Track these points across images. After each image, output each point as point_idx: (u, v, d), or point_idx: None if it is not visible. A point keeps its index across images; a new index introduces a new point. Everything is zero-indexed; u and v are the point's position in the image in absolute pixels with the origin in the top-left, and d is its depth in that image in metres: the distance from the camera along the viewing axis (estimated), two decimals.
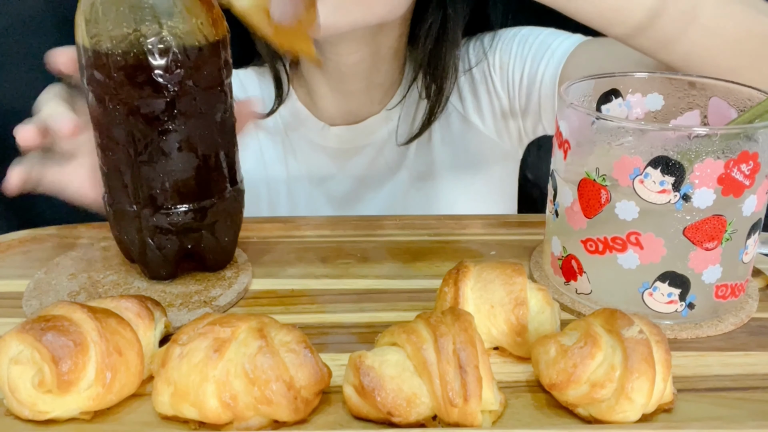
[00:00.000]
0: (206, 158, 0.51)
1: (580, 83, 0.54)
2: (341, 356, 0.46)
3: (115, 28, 0.46)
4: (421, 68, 0.82)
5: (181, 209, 0.51)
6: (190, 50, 0.47)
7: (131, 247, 0.53)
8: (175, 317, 0.50)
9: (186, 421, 0.40)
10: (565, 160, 0.51)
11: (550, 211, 0.54)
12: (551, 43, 0.77)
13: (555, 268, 0.54)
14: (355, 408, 0.41)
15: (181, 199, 0.51)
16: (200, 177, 0.51)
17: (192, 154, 0.50)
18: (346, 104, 0.86)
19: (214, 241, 0.53)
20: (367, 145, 0.87)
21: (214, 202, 0.52)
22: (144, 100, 0.47)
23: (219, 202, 0.52)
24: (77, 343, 0.40)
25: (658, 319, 0.49)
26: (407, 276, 0.57)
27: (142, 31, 0.46)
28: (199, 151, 0.50)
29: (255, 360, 0.39)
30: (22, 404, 0.40)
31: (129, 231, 0.52)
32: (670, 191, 0.46)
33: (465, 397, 0.38)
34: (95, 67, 0.47)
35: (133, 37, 0.46)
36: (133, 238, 0.52)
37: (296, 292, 0.55)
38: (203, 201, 0.51)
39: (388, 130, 0.87)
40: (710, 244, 0.47)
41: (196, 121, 0.49)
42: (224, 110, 0.51)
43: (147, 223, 0.51)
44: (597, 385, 0.40)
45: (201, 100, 0.49)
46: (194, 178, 0.50)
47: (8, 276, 0.57)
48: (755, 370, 0.45)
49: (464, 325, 0.41)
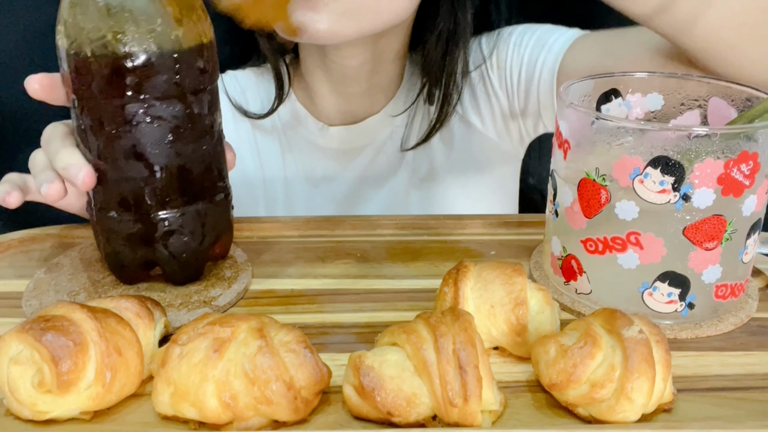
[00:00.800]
0: (160, 169, 0.49)
1: (580, 83, 0.54)
2: (341, 356, 0.46)
3: (92, 31, 0.45)
4: (428, 74, 0.82)
5: (126, 217, 0.50)
6: (166, 55, 0.46)
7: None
8: (174, 317, 0.50)
9: (186, 421, 0.40)
10: (564, 160, 0.51)
11: (550, 211, 0.54)
12: (548, 39, 0.77)
13: (555, 268, 0.54)
14: (355, 408, 0.41)
15: (126, 207, 0.50)
16: (151, 188, 0.49)
17: (141, 164, 0.48)
18: (346, 105, 0.86)
19: (168, 255, 0.52)
20: (367, 145, 0.87)
21: (164, 217, 0.50)
22: (102, 105, 0.47)
23: (173, 218, 0.50)
24: (77, 343, 0.40)
25: (658, 319, 0.49)
26: (407, 276, 0.57)
27: (118, 36, 0.45)
28: (149, 161, 0.48)
29: (255, 360, 0.39)
30: (22, 404, 0.40)
31: (94, 231, 0.53)
32: (669, 191, 0.46)
33: (465, 397, 0.38)
34: (74, 68, 0.47)
35: (109, 41, 0.45)
36: (96, 239, 0.53)
37: (296, 292, 0.55)
38: (156, 213, 0.50)
39: (387, 131, 0.87)
40: (710, 244, 0.47)
41: (151, 127, 0.48)
42: (184, 119, 0.49)
43: (102, 227, 0.51)
44: (597, 385, 0.40)
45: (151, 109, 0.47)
46: (142, 188, 0.49)
47: (8, 276, 0.57)
48: (755, 370, 0.45)
49: (464, 325, 0.41)
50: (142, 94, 0.46)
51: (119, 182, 0.49)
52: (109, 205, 0.50)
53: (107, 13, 0.45)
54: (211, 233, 0.53)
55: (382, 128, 0.86)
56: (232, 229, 0.56)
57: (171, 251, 0.51)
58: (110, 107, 0.47)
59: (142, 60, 0.46)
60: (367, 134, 0.87)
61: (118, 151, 0.48)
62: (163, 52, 0.46)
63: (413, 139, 0.86)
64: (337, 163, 0.88)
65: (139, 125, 0.47)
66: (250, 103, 0.88)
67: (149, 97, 0.47)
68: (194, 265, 0.54)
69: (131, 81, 0.46)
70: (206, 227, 0.52)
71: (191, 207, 0.51)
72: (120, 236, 0.51)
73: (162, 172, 0.49)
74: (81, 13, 0.46)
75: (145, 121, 0.47)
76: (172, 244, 0.51)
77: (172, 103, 0.48)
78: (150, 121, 0.48)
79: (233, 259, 0.58)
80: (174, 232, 0.51)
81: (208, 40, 0.49)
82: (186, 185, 0.50)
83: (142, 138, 0.48)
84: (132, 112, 0.47)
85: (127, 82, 0.46)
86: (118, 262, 0.53)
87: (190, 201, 0.51)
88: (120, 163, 0.48)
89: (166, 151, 0.49)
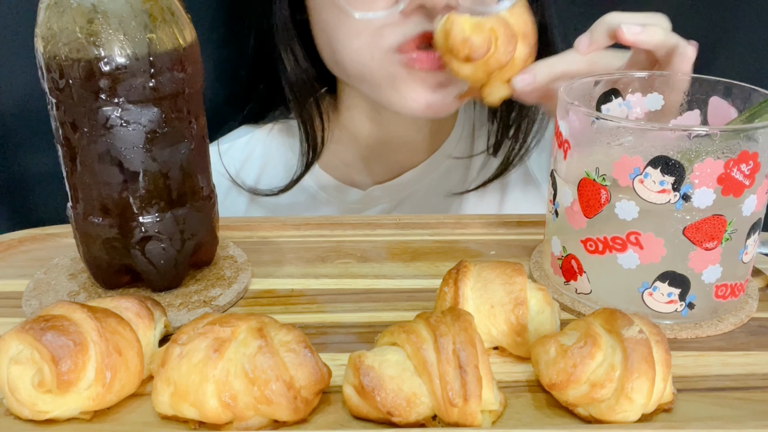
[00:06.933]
0: (135, 174, 0.48)
1: (580, 83, 0.54)
2: (341, 356, 0.45)
3: (66, 34, 0.45)
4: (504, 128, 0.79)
5: (103, 222, 0.49)
6: (141, 58, 0.46)
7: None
8: (174, 317, 0.50)
9: (186, 421, 0.40)
10: (565, 160, 0.51)
11: (550, 211, 0.54)
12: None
13: (555, 268, 0.54)
14: (355, 408, 0.41)
15: (103, 211, 0.49)
16: (126, 193, 0.49)
17: (116, 168, 0.48)
18: (386, 164, 0.82)
19: (146, 261, 0.51)
20: (406, 197, 0.83)
21: (141, 222, 0.49)
22: (77, 108, 0.47)
23: (149, 224, 0.50)
24: (77, 342, 0.40)
25: (658, 319, 0.49)
26: (407, 276, 0.57)
27: (91, 38, 0.45)
28: (124, 165, 0.48)
29: (255, 360, 0.39)
30: (22, 404, 0.40)
31: (74, 235, 0.52)
32: (669, 191, 0.46)
33: (465, 397, 0.38)
34: (49, 71, 0.46)
35: (83, 43, 0.45)
36: (76, 242, 0.52)
37: (296, 292, 0.55)
38: (132, 218, 0.49)
39: (430, 180, 0.82)
40: (710, 244, 0.47)
41: (127, 132, 0.47)
42: (160, 123, 0.48)
43: (80, 231, 0.51)
44: (597, 385, 0.40)
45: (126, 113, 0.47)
46: (118, 193, 0.48)
47: (8, 276, 0.57)
48: (755, 370, 0.45)
49: (464, 325, 0.41)
50: (116, 98, 0.46)
51: (96, 186, 0.49)
52: (87, 209, 0.50)
53: (81, 16, 0.45)
54: (191, 240, 0.52)
55: (426, 178, 0.82)
56: (216, 236, 0.55)
57: (148, 257, 0.51)
58: (85, 110, 0.46)
59: (115, 63, 0.45)
60: (408, 186, 0.82)
61: (93, 154, 0.47)
62: (138, 55, 0.46)
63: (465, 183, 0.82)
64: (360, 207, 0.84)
65: (114, 129, 0.47)
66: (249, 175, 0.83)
67: (123, 100, 0.46)
68: (173, 272, 0.52)
69: (105, 84, 0.45)
70: (186, 233, 0.51)
71: (169, 213, 0.50)
72: (98, 241, 0.50)
73: (138, 177, 0.48)
74: (56, 15, 0.45)
75: (119, 125, 0.47)
76: (149, 250, 0.50)
77: (147, 106, 0.47)
78: (125, 124, 0.47)
79: (233, 259, 0.58)
80: (151, 238, 0.50)
81: (188, 44, 0.48)
82: (163, 190, 0.49)
83: (117, 142, 0.47)
84: (106, 115, 0.46)
85: (100, 85, 0.45)
86: (97, 266, 0.52)
87: (167, 206, 0.50)
88: (96, 166, 0.48)
89: (142, 156, 0.48)
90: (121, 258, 0.51)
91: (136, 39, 0.46)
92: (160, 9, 0.47)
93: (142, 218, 0.49)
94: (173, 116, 0.48)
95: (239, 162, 0.84)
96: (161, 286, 0.53)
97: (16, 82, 0.74)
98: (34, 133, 0.76)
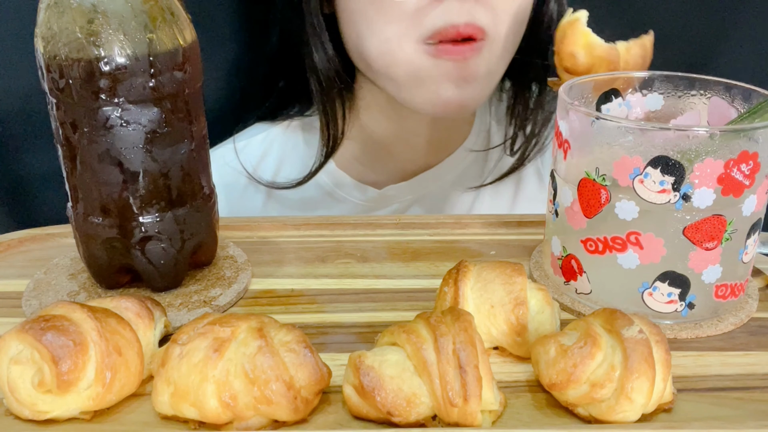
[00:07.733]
0: (135, 174, 0.48)
1: (580, 83, 0.54)
2: (341, 356, 0.46)
3: (66, 33, 0.45)
4: (518, 127, 0.79)
5: (103, 222, 0.49)
6: (140, 58, 0.46)
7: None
8: (174, 317, 0.50)
9: (186, 421, 0.40)
10: (564, 160, 0.51)
11: (550, 211, 0.54)
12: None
13: (555, 268, 0.54)
14: (355, 408, 0.41)
15: (102, 211, 0.49)
16: (126, 193, 0.49)
17: (116, 168, 0.48)
18: (401, 163, 0.81)
19: (145, 261, 0.51)
20: (421, 196, 0.83)
21: (141, 222, 0.49)
22: (77, 108, 0.46)
23: (149, 224, 0.49)
24: (77, 342, 0.40)
25: (658, 319, 0.49)
26: (407, 276, 0.57)
27: (91, 38, 0.45)
28: (124, 165, 0.48)
29: (255, 360, 0.39)
30: (22, 404, 0.40)
31: (74, 234, 0.52)
32: (669, 191, 0.46)
33: (465, 397, 0.38)
34: (49, 71, 0.46)
35: (82, 43, 0.45)
36: (76, 242, 0.52)
37: (296, 292, 0.55)
38: (132, 218, 0.49)
39: (446, 178, 0.82)
40: (710, 244, 0.47)
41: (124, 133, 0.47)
42: (160, 124, 0.48)
43: (80, 231, 0.51)
44: (597, 385, 0.40)
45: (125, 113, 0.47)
46: (118, 193, 0.48)
47: (8, 276, 0.57)
48: (755, 370, 0.45)
49: (464, 325, 0.41)
50: (116, 98, 0.46)
51: (96, 186, 0.49)
52: (87, 209, 0.50)
53: (81, 16, 0.45)
54: (191, 240, 0.52)
55: (440, 179, 0.82)
56: (216, 236, 0.55)
57: (148, 257, 0.51)
58: (85, 110, 0.46)
59: (115, 63, 0.45)
60: (421, 187, 0.82)
61: (93, 154, 0.47)
62: (138, 55, 0.46)
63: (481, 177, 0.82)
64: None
65: (114, 129, 0.47)
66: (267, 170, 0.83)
67: (124, 100, 0.46)
68: (173, 272, 0.52)
69: (105, 84, 0.45)
70: (186, 233, 0.51)
71: (169, 213, 0.50)
72: (98, 241, 0.50)
73: (138, 177, 0.48)
74: (56, 15, 0.45)
75: (119, 125, 0.47)
76: (149, 250, 0.50)
77: (147, 106, 0.47)
78: (125, 124, 0.47)
79: (233, 259, 0.58)
80: (151, 238, 0.50)
81: (188, 44, 0.48)
82: (163, 190, 0.50)
83: (117, 142, 0.47)
84: (106, 115, 0.46)
85: (100, 85, 0.45)
86: (97, 266, 0.52)
87: (168, 206, 0.50)
88: (96, 166, 0.48)
89: (142, 156, 0.48)
90: (121, 258, 0.51)
91: (136, 39, 0.46)
92: (160, 9, 0.47)
93: (142, 218, 0.49)
94: (173, 116, 0.48)
95: (256, 159, 0.84)
96: (161, 286, 0.53)
97: (16, 83, 0.74)
98: (35, 133, 0.76)
